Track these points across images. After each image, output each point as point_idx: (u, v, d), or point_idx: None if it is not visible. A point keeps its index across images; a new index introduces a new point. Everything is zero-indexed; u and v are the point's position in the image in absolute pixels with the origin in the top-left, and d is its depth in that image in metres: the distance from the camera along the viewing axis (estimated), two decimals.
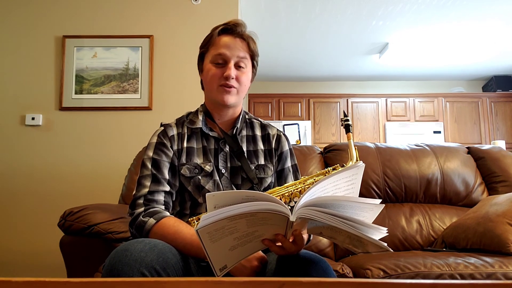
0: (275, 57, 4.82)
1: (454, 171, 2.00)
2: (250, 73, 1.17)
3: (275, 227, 0.79)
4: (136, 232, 1.01)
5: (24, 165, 2.49)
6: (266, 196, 0.75)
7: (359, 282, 0.47)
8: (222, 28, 1.14)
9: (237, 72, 1.11)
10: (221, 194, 0.76)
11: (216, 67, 1.11)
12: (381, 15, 3.70)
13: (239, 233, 0.76)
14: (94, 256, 1.39)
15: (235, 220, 0.73)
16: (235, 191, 0.77)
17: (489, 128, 5.17)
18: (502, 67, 5.18)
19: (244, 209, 0.71)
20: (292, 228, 0.77)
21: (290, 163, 1.21)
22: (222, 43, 1.12)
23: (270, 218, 0.75)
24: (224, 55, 1.10)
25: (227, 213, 0.71)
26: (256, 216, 0.73)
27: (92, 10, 2.62)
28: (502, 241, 1.46)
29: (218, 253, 0.77)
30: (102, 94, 2.54)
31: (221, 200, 0.74)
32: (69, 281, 0.47)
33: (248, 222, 0.75)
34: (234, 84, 1.10)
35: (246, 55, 1.13)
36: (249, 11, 3.54)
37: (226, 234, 0.75)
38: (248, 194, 0.75)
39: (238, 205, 0.71)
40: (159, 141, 1.13)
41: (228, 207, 0.71)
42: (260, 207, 0.72)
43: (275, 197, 0.75)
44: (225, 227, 0.73)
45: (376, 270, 1.35)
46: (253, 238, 0.80)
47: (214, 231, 0.73)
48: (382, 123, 5.27)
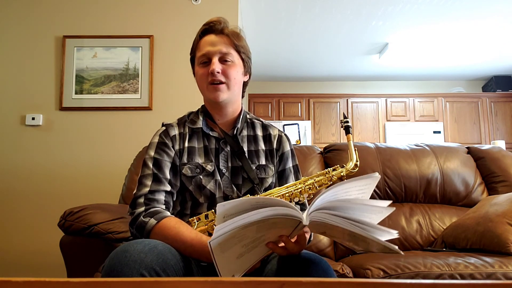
0: (275, 57, 4.82)
1: (454, 171, 2.00)
2: (240, 68, 1.15)
3: (282, 231, 0.78)
4: (137, 232, 1.01)
5: (24, 165, 2.49)
6: (277, 201, 0.74)
7: (359, 282, 0.47)
8: (202, 29, 1.15)
9: (223, 66, 1.11)
10: (232, 205, 0.74)
11: (203, 67, 1.12)
12: (381, 15, 3.70)
13: (247, 239, 0.76)
14: (94, 256, 1.39)
15: (246, 227, 0.72)
16: (244, 199, 0.75)
17: (489, 128, 5.17)
18: (502, 67, 5.18)
19: (257, 216, 0.70)
20: (300, 230, 0.77)
21: (291, 164, 1.21)
22: (204, 44, 1.13)
23: (281, 222, 0.74)
24: (207, 53, 1.11)
25: (240, 222, 0.70)
26: (268, 221, 0.72)
27: (92, 10, 2.62)
28: (502, 241, 1.46)
29: (226, 262, 0.76)
30: (102, 94, 2.54)
31: (232, 210, 0.73)
32: (69, 281, 0.47)
33: (258, 228, 0.74)
34: (221, 78, 1.10)
35: (229, 50, 1.12)
36: (249, 11, 3.54)
37: (236, 242, 0.74)
38: (258, 200, 0.74)
39: (250, 213, 0.70)
40: (161, 141, 1.13)
41: (241, 216, 0.70)
42: (273, 213, 0.71)
43: (286, 201, 0.74)
44: (236, 235, 0.73)
45: (376, 270, 1.35)
46: (259, 243, 0.79)
47: (225, 241, 0.72)
48: (382, 123, 5.27)
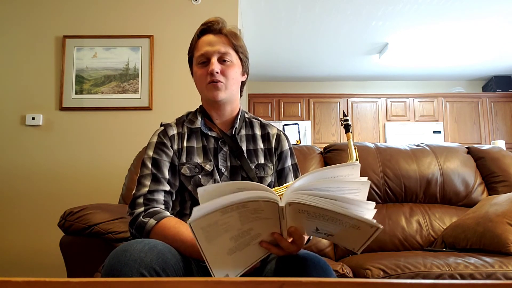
0: (275, 57, 4.82)
1: (454, 171, 2.00)
2: (239, 67, 1.16)
3: (269, 223, 0.78)
4: (136, 233, 1.01)
5: (24, 165, 2.49)
6: (255, 185, 0.75)
7: (359, 282, 0.47)
8: (200, 29, 1.15)
9: (222, 66, 1.11)
10: (212, 188, 0.76)
11: (202, 67, 1.13)
12: (381, 15, 3.70)
13: (233, 231, 0.76)
14: (94, 256, 1.39)
15: (227, 212, 0.73)
16: (226, 183, 0.77)
17: (489, 128, 5.17)
18: (502, 67, 5.18)
19: (234, 198, 0.71)
20: (285, 220, 0.77)
21: (290, 162, 1.21)
22: (203, 44, 1.13)
23: (262, 209, 0.75)
24: (205, 53, 1.11)
25: (218, 203, 0.71)
26: (248, 207, 0.73)
27: (92, 10, 2.62)
28: (502, 241, 1.46)
29: (217, 258, 0.76)
30: (102, 94, 2.54)
31: (213, 194, 0.74)
32: (69, 281, 0.47)
33: (240, 215, 0.74)
34: (220, 78, 1.11)
35: (228, 50, 1.13)
36: (249, 11, 3.54)
37: (221, 231, 0.75)
38: (240, 185, 0.75)
39: (228, 196, 0.71)
40: (159, 141, 1.13)
41: (219, 198, 0.71)
42: (250, 195, 0.72)
43: (265, 186, 0.76)
44: (218, 222, 0.73)
45: (376, 270, 1.36)
46: (250, 239, 0.79)
47: (207, 226, 0.73)
48: (382, 123, 5.27)
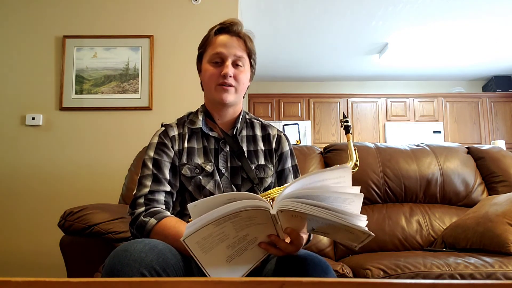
0: (275, 57, 4.82)
1: (454, 171, 2.00)
2: (249, 72, 1.16)
3: (264, 227, 0.78)
4: (137, 232, 1.01)
5: (24, 165, 2.49)
6: (245, 194, 0.75)
7: (359, 282, 0.47)
8: (218, 27, 1.14)
9: (235, 70, 1.11)
10: (202, 202, 0.75)
11: (214, 66, 1.12)
12: (381, 15, 3.70)
13: (229, 239, 0.76)
14: (94, 256, 1.39)
15: (220, 224, 0.72)
16: (215, 196, 0.76)
17: (489, 128, 5.17)
18: (502, 67, 5.18)
19: (225, 210, 0.71)
20: (279, 224, 0.76)
21: (290, 164, 1.21)
22: (219, 42, 1.12)
23: (255, 216, 0.74)
24: (221, 54, 1.11)
25: (209, 217, 0.71)
26: (240, 216, 0.73)
27: (92, 10, 2.62)
28: (502, 241, 1.46)
29: (215, 267, 0.76)
30: (102, 94, 2.54)
31: (204, 208, 0.74)
32: (69, 281, 0.47)
33: (234, 224, 0.74)
34: (232, 82, 1.10)
35: (243, 54, 1.13)
36: (249, 11, 3.54)
37: (216, 242, 0.74)
38: (229, 196, 0.75)
39: (219, 208, 0.71)
40: (160, 141, 1.13)
41: (210, 212, 0.71)
42: (240, 205, 0.72)
43: (255, 194, 0.75)
44: (213, 234, 0.73)
45: (376, 270, 1.36)
46: (247, 244, 0.79)
47: (202, 239, 0.72)
48: (382, 123, 5.27)
